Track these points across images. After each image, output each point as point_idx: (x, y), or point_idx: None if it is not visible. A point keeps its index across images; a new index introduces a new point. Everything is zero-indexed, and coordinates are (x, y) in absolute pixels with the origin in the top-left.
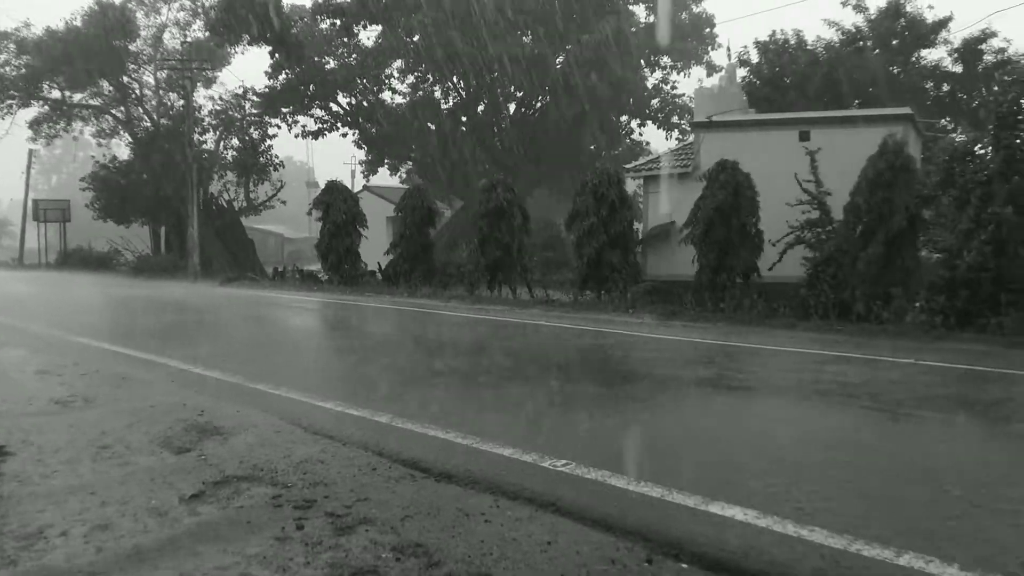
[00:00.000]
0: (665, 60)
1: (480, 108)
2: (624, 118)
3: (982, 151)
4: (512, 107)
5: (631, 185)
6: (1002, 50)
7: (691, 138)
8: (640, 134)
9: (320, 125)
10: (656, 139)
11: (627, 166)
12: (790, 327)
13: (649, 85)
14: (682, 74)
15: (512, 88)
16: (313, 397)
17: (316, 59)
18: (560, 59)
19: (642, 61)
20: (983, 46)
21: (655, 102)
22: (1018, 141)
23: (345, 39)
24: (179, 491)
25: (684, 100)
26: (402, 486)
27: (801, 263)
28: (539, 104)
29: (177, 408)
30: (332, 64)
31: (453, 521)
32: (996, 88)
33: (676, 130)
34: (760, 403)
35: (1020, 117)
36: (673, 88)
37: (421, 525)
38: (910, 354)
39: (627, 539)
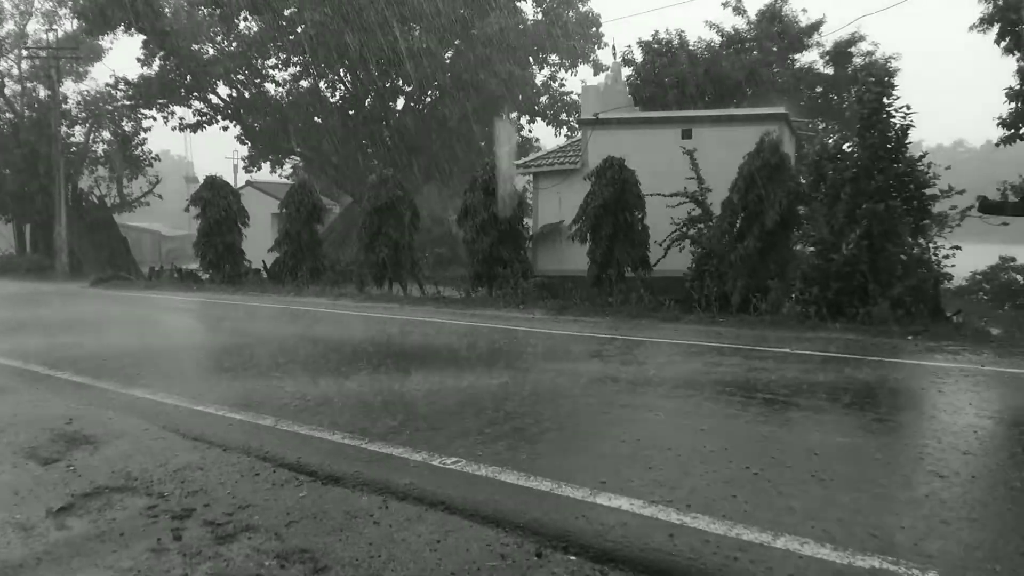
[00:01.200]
0: (553, 58)
1: (368, 102)
2: (514, 114)
3: (850, 149)
4: (401, 102)
5: (521, 181)
6: (870, 53)
7: (579, 135)
8: (530, 131)
9: (199, 117)
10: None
11: (517, 162)
12: (675, 320)
13: (538, 82)
14: (570, 72)
15: (401, 83)
16: (192, 401)
17: (193, 47)
18: (449, 54)
19: (531, 58)
20: (852, 49)
21: (544, 99)
22: (880, 140)
23: (224, 27)
24: (46, 504)
25: (572, 98)
26: (286, 491)
27: (690, 255)
28: (429, 99)
29: (43, 417)
30: (211, 53)
31: (340, 524)
32: (861, 89)
33: (565, 127)
34: (643, 395)
35: (882, 116)
36: (561, 86)
37: (307, 530)
38: (785, 344)
39: (517, 534)
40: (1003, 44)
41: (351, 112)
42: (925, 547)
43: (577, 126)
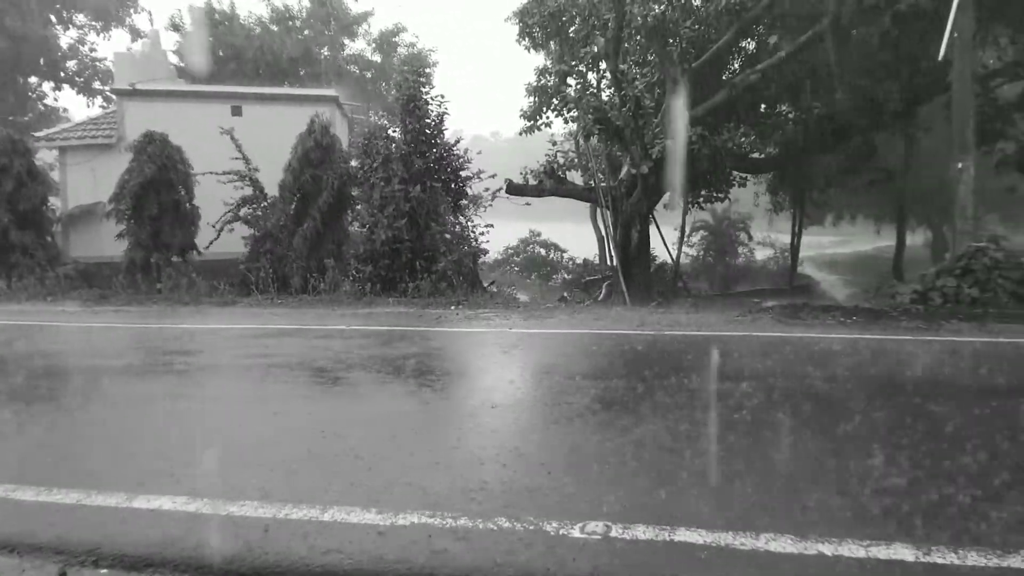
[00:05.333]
0: (81, 18)
1: None
2: (33, 79)
3: (394, 133)
4: None
5: (49, 157)
6: (412, 44)
7: (115, 106)
8: (55, 99)
9: None
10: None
11: (38, 134)
12: (231, 304)
13: (64, 45)
14: (102, 36)
15: None
16: None
17: None
18: None
19: (52, 16)
20: (396, 39)
21: (72, 64)
22: (419, 126)
23: None
24: None
25: (107, 64)
26: None
27: (242, 239)
28: None
29: None
30: None
31: None
32: (402, 77)
33: (99, 97)
34: (194, 385)
35: (421, 104)
36: (92, 51)
37: None
38: (342, 321)
39: (35, 556)
40: (523, 43)
41: None
42: (464, 499)
43: (113, 96)
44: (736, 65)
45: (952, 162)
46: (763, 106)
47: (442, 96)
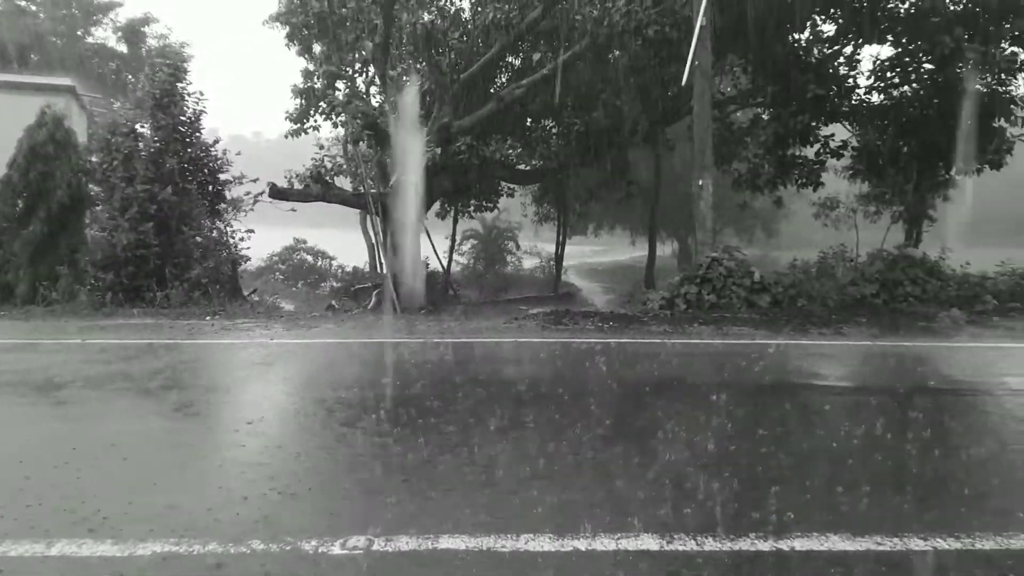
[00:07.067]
0: None
1: None
2: None
3: (144, 129)
4: None
5: None
6: (164, 36)
7: None
8: None
9: None
10: None
11: None
12: None
13: None
14: None
15: None
16: None
17: None
18: None
19: None
20: (146, 29)
21: None
22: (173, 122)
23: None
24: None
25: None
26: None
27: None
28: None
29: None
30: None
31: None
32: (154, 70)
33: None
34: None
35: (175, 99)
36: None
37: None
38: (79, 334)
39: None
40: (293, 47)
41: None
42: (214, 523)
43: None
44: (504, 79)
45: (694, 179)
46: (529, 120)
47: (200, 92)
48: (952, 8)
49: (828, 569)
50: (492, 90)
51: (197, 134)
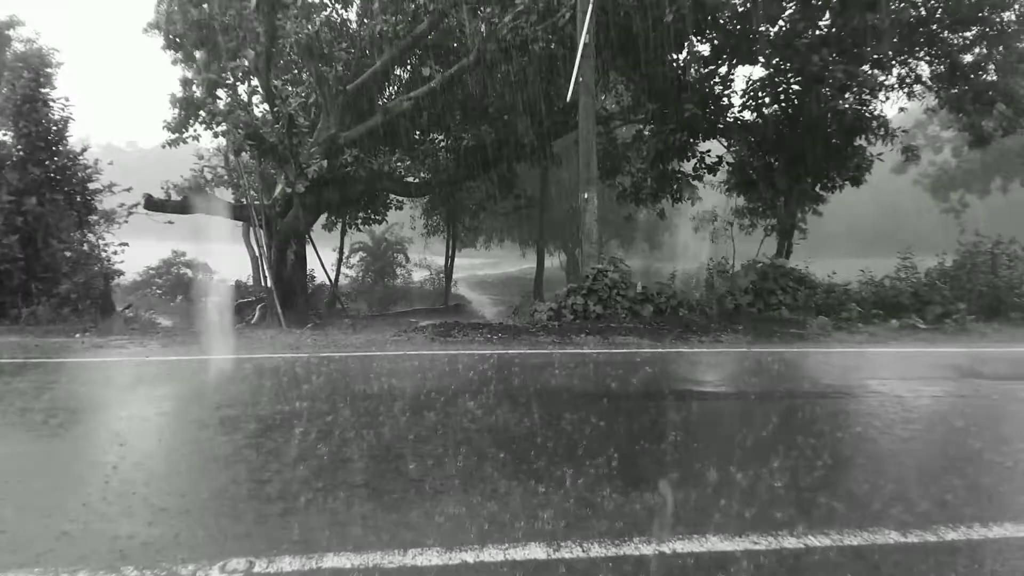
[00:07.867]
0: None
1: None
2: None
3: (6, 137)
4: None
5: None
6: (32, 40)
7: None
8: None
9: None
10: None
11: None
12: None
13: None
14: None
15: None
16: None
17: None
18: None
19: None
20: (11, 32)
21: None
22: (37, 130)
23: None
24: None
25: None
26: None
27: None
28: None
29: None
30: None
31: None
32: (15, 75)
33: None
34: None
35: (39, 106)
36: None
37: None
38: None
39: None
40: (171, 55)
41: None
42: (81, 551)
43: None
44: (392, 91)
45: (580, 193)
46: (418, 133)
47: (66, 99)
48: (818, 32)
49: (713, 571)
50: (381, 102)
51: (63, 142)
